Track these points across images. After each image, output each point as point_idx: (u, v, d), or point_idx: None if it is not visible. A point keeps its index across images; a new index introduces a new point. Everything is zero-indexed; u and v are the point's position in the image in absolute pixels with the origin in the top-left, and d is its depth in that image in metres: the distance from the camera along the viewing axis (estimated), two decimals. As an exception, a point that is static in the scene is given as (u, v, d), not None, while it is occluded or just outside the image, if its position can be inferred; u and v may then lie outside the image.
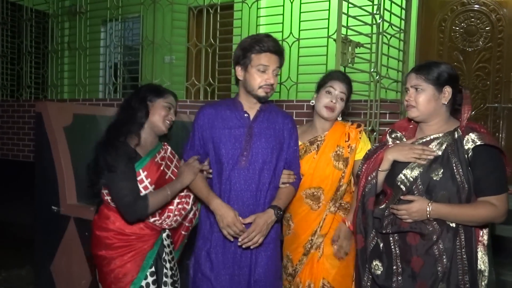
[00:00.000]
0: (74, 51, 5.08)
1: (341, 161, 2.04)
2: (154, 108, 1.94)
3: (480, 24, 4.25)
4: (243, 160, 1.88)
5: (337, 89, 2.08)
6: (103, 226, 1.90)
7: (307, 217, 2.08)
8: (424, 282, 1.63)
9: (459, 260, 1.62)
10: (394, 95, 3.66)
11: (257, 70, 1.84)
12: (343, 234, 2.05)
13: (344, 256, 2.04)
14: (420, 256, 1.65)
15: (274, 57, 1.85)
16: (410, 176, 1.69)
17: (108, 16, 4.78)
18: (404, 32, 3.65)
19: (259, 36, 1.89)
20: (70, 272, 2.74)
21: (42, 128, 2.80)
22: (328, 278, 2.01)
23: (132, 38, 5.72)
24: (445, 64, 1.73)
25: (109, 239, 1.88)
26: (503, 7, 4.15)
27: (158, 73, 4.55)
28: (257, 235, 1.83)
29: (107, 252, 1.87)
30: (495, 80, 4.20)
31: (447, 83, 1.70)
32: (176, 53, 4.71)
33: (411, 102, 1.73)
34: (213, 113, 1.93)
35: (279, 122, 1.97)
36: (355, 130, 2.09)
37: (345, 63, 2.91)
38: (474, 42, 4.28)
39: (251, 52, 1.85)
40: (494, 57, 4.20)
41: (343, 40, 2.86)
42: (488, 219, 1.60)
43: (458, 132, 1.67)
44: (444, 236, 1.62)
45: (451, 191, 1.62)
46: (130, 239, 1.88)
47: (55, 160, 2.75)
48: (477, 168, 1.61)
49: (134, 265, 1.87)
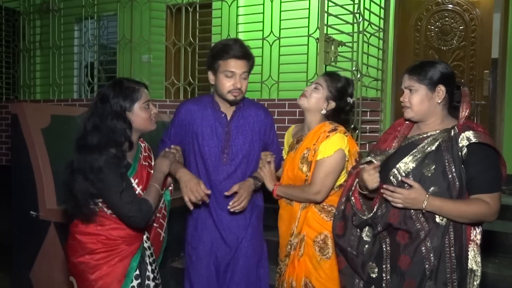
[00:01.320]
0: (46, 50, 4.92)
1: (305, 164, 2.01)
2: (134, 115, 1.78)
3: (454, 24, 4.37)
4: (225, 158, 2.02)
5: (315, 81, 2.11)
6: (86, 230, 1.79)
7: (285, 214, 2.11)
8: (412, 280, 1.64)
9: (448, 259, 1.62)
10: (374, 93, 3.71)
11: (224, 76, 1.93)
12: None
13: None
14: (408, 254, 1.66)
15: (241, 62, 1.93)
16: (403, 171, 1.70)
17: (83, 14, 4.65)
18: (383, 31, 3.70)
19: (227, 42, 1.98)
20: (51, 278, 2.65)
21: (18, 130, 2.69)
22: (310, 278, 2.00)
23: (108, 36, 5.58)
24: (439, 63, 1.73)
25: (94, 243, 1.78)
26: (476, 7, 4.28)
27: (137, 73, 4.46)
28: (244, 198, 1.97)
29: (91, 258, 1.77)
30: (469, 78, 4.33)
31: (440, 82, 1.69)
32: (154, 52, 4.63)
33: (406, 103, 1.74)
34: (195, 110, 2.04)
35: (252, 116, 2.08)
36: (325, 134, 2.00)
37: (328, 62, 2.93)
38: (448, 41, 4.39)
39: (219, 58, 1.94)
40: (467, 55, 4.33)
41: (326, 39, 2.87)
42: (480, 217, 1.60)
43: (455, 130, 1.67)
44: (432, 234, 1.63)
45: (442, 187, 1.63)
46: (117, 243, 1.81)
47: (33, 163, 2.65)
48: (471, 166, 1.61)
49: (122, 270, 1.80)
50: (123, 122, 1.74)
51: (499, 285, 2.59)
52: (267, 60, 3.92)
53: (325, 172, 1.96)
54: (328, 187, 1.97)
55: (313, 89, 2.06)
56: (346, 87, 2.09)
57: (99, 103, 1.75)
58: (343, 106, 2.09)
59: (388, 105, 4.02)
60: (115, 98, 1.74)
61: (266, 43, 3.95)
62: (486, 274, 2.61)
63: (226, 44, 1.95)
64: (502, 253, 2.89)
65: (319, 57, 2.89)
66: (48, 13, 4.83)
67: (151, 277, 1.90)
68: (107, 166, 1.67)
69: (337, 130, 2.00)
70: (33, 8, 5.08)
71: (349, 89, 2.11)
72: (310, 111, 2.07)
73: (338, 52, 2.98)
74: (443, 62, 1.76)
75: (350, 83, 2.12)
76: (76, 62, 5.17)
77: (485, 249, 2.80)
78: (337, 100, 2.05)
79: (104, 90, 1.79)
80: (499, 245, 2.92)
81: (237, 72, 1.93)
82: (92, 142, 1.69)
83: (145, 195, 1.81)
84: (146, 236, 1.97)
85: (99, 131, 1.71)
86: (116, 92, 1.75)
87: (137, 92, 1.79)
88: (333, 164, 1.97)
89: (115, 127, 1.72)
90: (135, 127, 1.80)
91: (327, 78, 2.08)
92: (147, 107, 1.82)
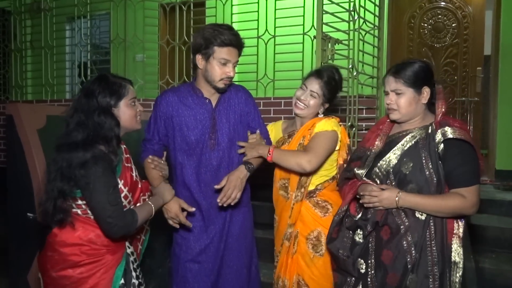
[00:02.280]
0: (38, 50, 4.86)
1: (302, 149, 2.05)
2: (121, 112, 1.72)
3: (447, 21, 4.40)
4: (212, 144, 1.99)
5: (309, 86, 2.10)
6: (68, 241, 1.66)
7: (282, 208, 2.12)
8: (395, 273, 1.68)
9: (429, 252, 1.66)
10: (370, 91, 3.73)
11: (218, 63, 1.90)
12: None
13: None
14: (390, 249, 1.70)
15: (236, 51, 1.92)
16: (384, 169, 1.76)
17: (76, 13, 4.60)
18: (378, 29, 3.72)
19: (222, 28, 1.92)
20: (49, 281, 2.62)
21: (13, 131, 2.65)
22: (303, 275, 2.02)
23: (100, 36, 5.53)
24: (419, 62, 1.77)
25: (77, 255, 1.65)
26: (468, 5, 4.32)
27: (131, 72, 4.42)
28: (233, 190, 1.91)
29: (74, 271, 1.63)
30: (462, 75, 4.37)
31: (425, 83, 1.74)
32: (148, 51, 4.59)
33: (393, 106, 1.78)
34: (176, 100, 2.00)
35: (233, 98, 2.06)
36: (321, 119, 2.08)
37: (325, 60, 2.93)
38: (441, 38, 4.43)
39: (214, 44, 1.89)
40: (460, 52, 4.37)
41: (323, 37, 2.87)
42: (457, 210, 1.63)
43: (432, 126, 1.72)
44: (412, 228, 1.67)
45: (420, 184, 1.68)
46: (101, 252, 1.68)
47: (29, 165, 2.62)
48: (447, 161, 1.66)
49: (107, 281, 1.68)
50: (110, 118, 1.67)
51: (496, 280, 2.62)
52: (263, 59, 3.91)
53: (320, 142, 1.98)
54: (319, 158, 1.97)
55: (310, 98, 2.08)
56: (338, 84, 2.14)
57: (84, 98, 1.66)
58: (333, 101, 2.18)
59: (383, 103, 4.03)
60: (101, 93, 1.66)
61: (261, 41, 3.94)
62: (484, 269, 2.64)
63: (221, 30, 1.89)
64: (499, 248, 2.92)
65: (316, 55, 2.89)
66: (39, 12, 4.77)
67: (136, 284, 1.79)
68: (94, 161, 1.56)
69: (332, 117, 2.09)
70: (24, 8, 5.01)
71: (339, 81, 2.15)
72: (307, 117, 2.12)
73: (335, 50, 2.98)
74: (424, 62, 1.80)
75: (337, 72, 2.17)
76: (68, 62, 5.12)
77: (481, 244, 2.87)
78: (330, 101, 2.14)
79: (89, 85, 1.70)
80: (496, 240, 2.95)
81: (232, 61, 1.91)
82: (76, 138, 1.60)
83: (137, 209, 1.73)
84: (129, 241, 1.86)
85: (85, 127, 1.62)
86: (102, 87, 1.67)
87: (123, 88, 1.72)
88: (328, 138, 2.00)
89: (103, 123, 1.64)
90: (121, 125, 1.72)
91: (320, 82, 2.08)
92: (133, 104, 1.77)
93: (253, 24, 4.00)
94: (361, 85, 3.52)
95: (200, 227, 2.05)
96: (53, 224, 1.68)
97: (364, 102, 3.60)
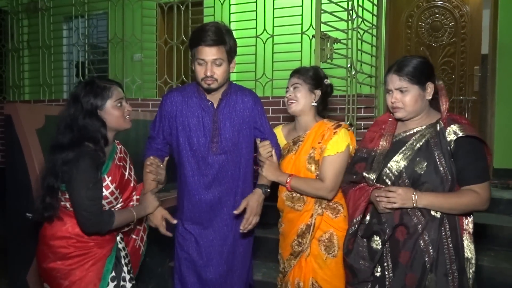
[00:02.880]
0: (35, 50, 4.85)
1: (313, 163, 2.00)
2: (107, 114, 1.76)
3: (444, 20, 4.41)
4: (214, 147, 1.96)
5: (289, 84, 2.08)
6: (57, 234, 1.73)
7: (292, 218, 2.07)
8: (413, 274, 1.66)
9: (446, 250, 1.65)
10: (368, 90, 3.73)
11: (197, 64, 1.89)
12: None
13: None
14: (407, 250, 1.68)
15: (211, 49, 1.84)
16: (396, 170, 1.72)
17: (73, 12, 4.59)
18: (376, 28, 3.73)
19: (201, 28, 1.89)
20: (48, 281, 2.62)
21: (12, 131, 2.64)
22: (316, 278, 1.98)
23: (97, 35, 5.52)
24: (419, 58, 1.74)
25: (65, 248, 1.72)
26: (466, 4, 4.33)
27: (129, 72, 4.42)
28: (253, 217, 1.94)
29: (63, 263, 1.71)
30: (460, 74, 4.38)
31: (428, 79, 1.73)
32: (146, 51, 4.58)
33: (398, 104, 1.73)
34: (180, 100, 1.99)
35: (239, 103, 2.02)
36: (331, 130, 2.00)
37: (324, 59, 2.93)
38: (439, 37, 4.44)
39: (193, 46, 1.90)
40: (458, 51, 4.38)
41: (322, 36, 2.88)
42: (471, 206, 1.64)
43: (440, 124, 1.70)
44: (429, 227, 1.66)
45: (435, 183, 1.66)
46: (89, 245, 1.74)
47: (28, 164, 2.61)
48: (460, 158, 1.65)
49: (96, 273, 1.75)
50: (96, 120, 1.72)
51: (495, 277, 2.63)
52: (261, 58, 3.92)
53: (338, 169, 1.95)
54: (339, 183, 1.97)
55: (295, 91, 2.04)
56: (317, 71, 2.10)
57: (72, 103, 1.74)
58: (326, 89, 2.10)
59: (381, 102, 4.04)
60: (85, 97, 1.72)
61: (260, 40, 3.94)
62: (482, 266, 2.65)
63: (199, 30, 1.88)
64: (497, 246, 2.94)
65: (315, 55, 2.89)
66: (36, 12, 4.75)
67: (127, 278, 1.86)
68: (76, 158, 1.64)
69: (341, 125, 2.02)
70: (21, 7, 4.99)
71: (320, 72, 2.12)
72: (303, 112, 2.06)
73: (333, 49, 2.98)
74: (423, 57, 1.77)
75: (316, 68, 2.14)
76: (65, 61, 5.11)
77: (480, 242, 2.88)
78: (319, 86, 2.06)
79: (75, 90, 1.78)
80: (494, 238, 2.97)
81: (208, 59, 1.85)
82: (63, 141, 1.68)
83: (117, 212, 1.78)
84: (120, 237, 1.92)
85: (70, 130, 1.70)
86: (86, 91, 1.74)
87: (108, 90, 1.76)
88: (344, 161, 1.97)
89: (88, 125, 1.71)
90: (109, 126, 1.77)
91: (297, 74, 2.06)
92: (120, 105, 1.79)
93: (252, 24, 4.00)
94: (359, 84, 3.53)
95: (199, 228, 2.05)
96: (43, 219, 1.76)
97: (363, 101, 3.62)
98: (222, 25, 1.91)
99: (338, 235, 1.97)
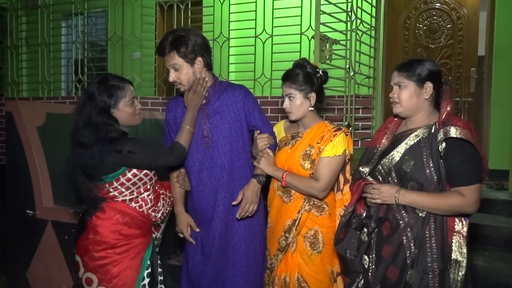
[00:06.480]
0: (33, 47, 4.85)
1: (308, 161, 2.03)
2: (120, 112, 1.86)
3: (442, 22, 4.45)
4: (206, 142, 2.03)
5: (284, 94, 2.08)
6: (106, 224, 1.85)
7: (280, 210, 2.11)
8: (394, 268, 1.72)
9: (428, 248, 1.69)
10: (366, 91, 3.77)
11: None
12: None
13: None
14: (390, 244, 1.74)
15: (165, 58, 1.95)
16: (387, 167, 1.79)
17: (72, 10, 4.59)
18: (374, 29, 3.76)
19: None
20: (48, 277, 2.64)
21: (13, 129, 2.66)
22: (301, 273, 2.04)
23: (96, 33, 5.52)
24: (427, 61, 1.79)
25: (116, 238, 1.85)
26: (463, 6, 4.37)
27: (128, 70, 4.43)
28: (250, 205, 2.01)
29: (114, 251, 1.84)
30: (456, 75, 4.42)
31: (428, 79, 1.76)
32: (145, 49, 4.60)
33: (395, 99, 1.81)
34: (174, 106, 2.12)
35: (230, 97, 2.07)
36: (331, 132, 2.03)
37: (323, 60, 2.96)
38: (436, 39, 4.48)
39: None
40: (455, 53, 4.42)
41: (321, 38, 2.90)
42: (455, 208, 1.65)
43: (435, 125, 1.74)
44: (412, 224, 1.71)
45: (420, 182, 1.70)
46: (135, 234, 1.89)
47: (29, 162, 2.63)
48: (448, 159, 1.67)
49: (139, 262, 1.90)
50: (107, 117, 1.81)
51: (490, 277, 2.67)
52: (260, 58, 3.94)
53: (334, 170, 2.01)
54: (331, 185, 2.03)
55: (290, 102, 2.05)
56: (306, 73, 2.05)
57: (87, 100, 1.82)
58: (319, 83, 2.09)
59: (379, 103, 4.08)
60: (100, 96, 1.81)
61: (259, 40, 3.96)
62: (477, 266, 2.69)
63: None
64: (492, 246, 2.98)
65: (314, 56, 2.91)
66: (35, 9, 4.75)
67: (159, 265, 2.03)
68: (115, 142, 1.77)
69: (341, 129, 2.06)
70: (20, 4, 4.99)
71: (308, 67, 2.08)
72: (302, 116, 2.09)
73: (333, 50, 3.01)
74: (431, 61, 1.82)
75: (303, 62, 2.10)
76: (64, 59, 5.11)
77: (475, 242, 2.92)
78: (312, 87, 2.04)
79: (90, 88, 1.86)
80: (489, 238, 3.01)
81: (168, 65, 1.96)
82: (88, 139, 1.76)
83: (177, 138, 1.94)
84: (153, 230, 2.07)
85: (93, 127, 1.77)
86: (101, 90, 1.82)
87: (122, 90, 1.86)
88: (340, 164, 2.03)
89: (100, 123, 1.79)
90: (120, 123, 1.87)
91: (288, 83, 2.05)
92: (132, 103, 1.90)
93: (251, 24, 4.02)
94: (357, 85, 3.56)
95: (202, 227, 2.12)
96: (90, 211, 1.86)
97: (361, 101, 3.65)
98: (177, 31, 1.97)
99: (323, 232, 2.03)
